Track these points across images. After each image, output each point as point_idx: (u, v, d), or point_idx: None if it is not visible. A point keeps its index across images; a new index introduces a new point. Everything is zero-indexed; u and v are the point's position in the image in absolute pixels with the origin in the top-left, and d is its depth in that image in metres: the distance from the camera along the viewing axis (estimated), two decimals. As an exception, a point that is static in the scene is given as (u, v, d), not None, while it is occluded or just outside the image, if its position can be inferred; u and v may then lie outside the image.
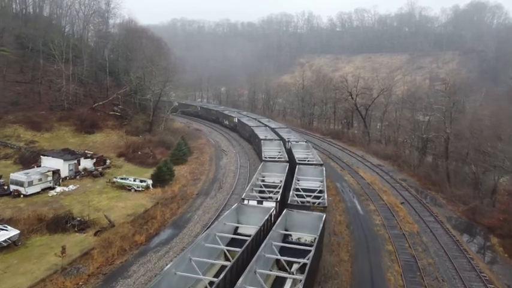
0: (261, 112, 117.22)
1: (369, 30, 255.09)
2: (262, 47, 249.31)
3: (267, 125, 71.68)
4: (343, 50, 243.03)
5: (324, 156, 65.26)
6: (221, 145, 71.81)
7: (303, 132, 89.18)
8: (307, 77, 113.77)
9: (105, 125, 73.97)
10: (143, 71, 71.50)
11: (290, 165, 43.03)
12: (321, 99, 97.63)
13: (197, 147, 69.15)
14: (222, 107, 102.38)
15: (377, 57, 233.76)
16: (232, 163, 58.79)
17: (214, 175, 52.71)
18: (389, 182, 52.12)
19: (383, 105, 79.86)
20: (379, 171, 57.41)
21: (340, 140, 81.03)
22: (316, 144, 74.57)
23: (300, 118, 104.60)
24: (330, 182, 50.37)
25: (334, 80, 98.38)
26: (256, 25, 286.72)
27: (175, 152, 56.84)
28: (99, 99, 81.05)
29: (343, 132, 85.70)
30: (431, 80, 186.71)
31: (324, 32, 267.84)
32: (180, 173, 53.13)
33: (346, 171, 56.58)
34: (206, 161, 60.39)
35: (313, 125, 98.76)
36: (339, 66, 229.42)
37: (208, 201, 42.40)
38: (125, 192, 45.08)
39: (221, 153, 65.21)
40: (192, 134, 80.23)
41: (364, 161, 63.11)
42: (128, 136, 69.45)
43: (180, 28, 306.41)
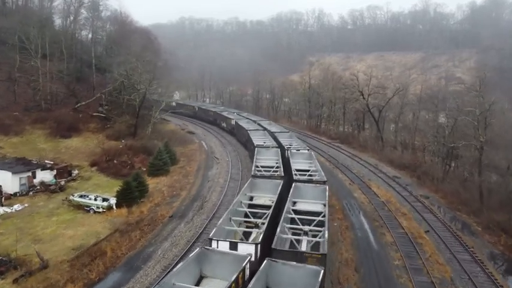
0: (265, 113, 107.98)
1: (382, 28, 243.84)
2: (271, 46, 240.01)
3: (267, 128, 62.28)
4: (355, 48, 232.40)
5: (330, 166, 55.77)
6: (214, 151, 62.65)
7: (308, 135, 79.68)
8: (314, 75, 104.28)
9: (86, 128, 65.44)
10: (126, 68, 62.57)
11: (287, 181, 33.98)
12: (330, 99, 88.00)
13: (186, 154, 60.15)
14: (221, 108, 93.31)
15: (390, 55, 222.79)
16: (223, 174, 49.60)
17: (198, 190, 43.56)
18: (408, 200, 42.35)
19: (398, 106, 70.10)
20: (396, 185, 47.65)
21: (350, 145, 71.28)
22: (323, 151, 65.05)
23: (306, 120, 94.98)
24: (336, 201, 40.96)
25: (343, 79, 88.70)
26: (266, 23, 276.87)
27: (154, 161, 47.83)
28: (84, 99, 72.72)
29: (353, 136, 75.91)
30: (447, 79, 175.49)
31: (335, 30, 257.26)
32: (157, 187, 44.13)
33: (356, 185, 46.94)
34: (193, 171, 51.31)
35: (321, 128, 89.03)
36: (350, 64, 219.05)
37: (182, 228, 33.25)
38: (81, 214, 36.23)
39: (212, 162, 56.08)
40: (184, 138, 71.25)
41: (378, 172, 53.37)
42: (108, 141, 60.81)
43: (189, 27, 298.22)
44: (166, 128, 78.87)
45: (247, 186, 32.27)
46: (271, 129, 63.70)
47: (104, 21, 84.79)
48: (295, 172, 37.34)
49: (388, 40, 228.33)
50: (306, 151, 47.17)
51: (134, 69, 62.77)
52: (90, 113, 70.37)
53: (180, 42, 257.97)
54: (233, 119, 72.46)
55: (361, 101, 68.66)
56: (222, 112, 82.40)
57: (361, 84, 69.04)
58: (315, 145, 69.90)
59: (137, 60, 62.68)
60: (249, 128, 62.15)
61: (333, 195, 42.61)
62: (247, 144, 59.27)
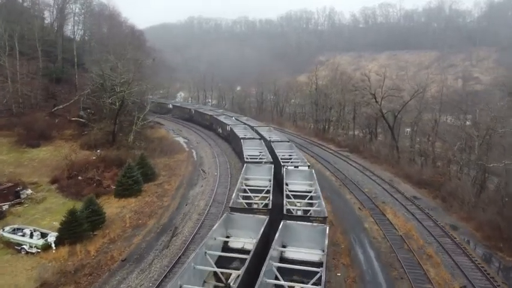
0: (269, 117, 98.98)
1: (394, 27, 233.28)
2: (280, 45, 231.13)
3: (264, 136, 53.20)
4: (366, 47, 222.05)
5: (337, 183, 46.58)
6: (204, 162, 53.88)
7: (314, 143, 70.44)
8: (322, 75, 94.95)
9: (60, 135, 57.25)
10: (102, 67, 54.05)
11: (277, 212, 25.34)
12: (339, 101, 78.65)
13: (170, 167, 51.48)
14: (219, 111, 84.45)
15: (403, 54, 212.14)
16: (206, 194, 40.74)
17: (171, 217, 34.81)
18: (433, 233, 32.92)
19: (415, 110, 60.52)
20: (416, 210, 38.20)
21: (361, 154, 61.85)
22: (329, 162, 55.83)
23: (313, 124, 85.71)
24: (342, 234, 31.89)
25: (354, 79, 79.27)
26: (275, 22, 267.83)
27: (122, 179, 39.11)
28: (65, 102, 64.70)
29: (364, 145, 66.44)
30: (464, 79, 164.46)
31: (346, 29, 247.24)
32: (121, 213, 35.49)
33: (368, 210, 37.65)
34: (171, 189, 42.56)
35: (329, 133, 79.61)
36: (362, 64, 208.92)
37: (132, 280, 24.56)
38: (9, 255, 27.74)
39: (198, 177, 47.29)
40: (173, 146, 62.56)
41: (393, 191, 43.92)
42: (82, 150, 52.51)
43: (197, 26, 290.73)
44: (156, 134, 70.39)
45: (220, 223, 23.48)
46: (270, 137, 54.74)
47: (90, 15, 76.37)
48: (288, 200, 28.53)
49: (401, 39, 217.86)
50: (306, 168, 38.04)
51: (114, 69, 54.19)
52: (69, 117, 62.29)
53: (188, 41, 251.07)
54: (229, 125, 63.55)
55: (374, 105, 59.19)
56: (219, 116, 73.56)
57: (373, 86, 59.56)
58: (320, 155, 60.74)
59: (117, 58, 54.03)
60: (243, 136, 53.26)
61: (338, 226, 33.54)
62: (241, 156, 50.41)
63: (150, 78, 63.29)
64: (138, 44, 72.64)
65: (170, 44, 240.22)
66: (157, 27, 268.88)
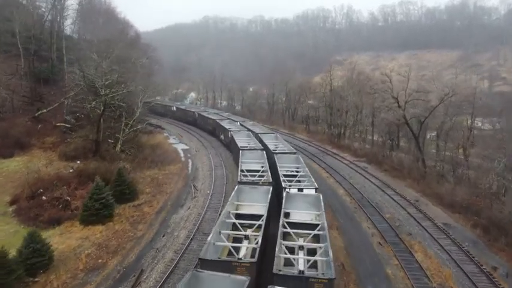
0: (280, 120, 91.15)
1: (415, 25, 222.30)
2: (296, 45, 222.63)
3: (268, 146, 45.38)
4: (386, 46, 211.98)
5: (351, 205, 38.51)
6: (198, 176, 46.41)
7: (328, 152, 62.30)
8: (338, 76, 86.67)
9: (40, 143, 50.47)
10: (80, 65, 47.13)
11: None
12: (355, 104, 70.26)
13: (158, 182, 44.07)
14: (225, 115, 76.91)
15: (424, 54, 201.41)
16: (192, 219, 33.19)
17: (140, 255, 27.29)
18: (478, 284, 24.75)
19: (441, 115, 51.94)
20: (452, 246, 29.77)
21: (380, 166, 53.46)
22: (344, 177, 47.70)
23: (326, 129, 77.41)
24: (356, 285, 23.96)
25: (373, 80, 70.76)
26: (291, 21, 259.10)
27: (88, 203, 31.87)
28: (51, 105, 58.24)
29: (384, 154, 57.96)
30: (490, 80, 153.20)
31: (365, 28, 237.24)
32: (79, 248, 28.03)
33: (390, 246, 29.43)
34: (151, 213, 35.14)
35: (344, 140, 71.23)
36: (380, 64, 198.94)
37: None
38: None
39: (187, 196, 39.85)
40: (167, 155, 55.20)
41: (421, 217, 35.53)
42: (60, 161, 45.67)
43: (212, 26, 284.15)
44: (152, 140, 63.28)
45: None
46: (276, 146, 47.14)
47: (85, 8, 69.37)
48: (286, 243, 21.17)
49: (422, 38, 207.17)
50: (313, 191, 30.21)
51: (98, 69, 47.12)
52: (54, 122, 55.68)
53: (202, 41, 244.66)
54: (230, 131, 55.96)
55: (396, 110, 50.67)
56: (222, 121, 66.00)
57: (395, 88, 51.12)
58: (334, 166, 52.66)
59: (101, 56, 46.96)
60: (243, 146, 45.70)
61: (351, 271, 25.56)
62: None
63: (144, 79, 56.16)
64: (131, 42, 65.34)
65: (184, 44, 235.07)
66: (172, 28, 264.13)
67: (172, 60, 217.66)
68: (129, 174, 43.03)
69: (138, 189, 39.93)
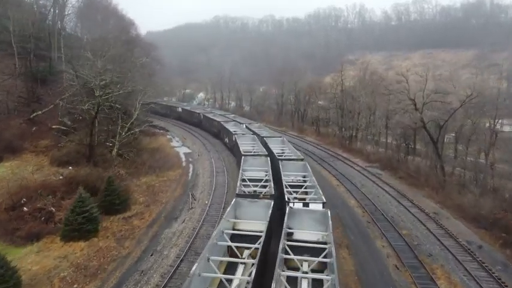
0: (289, 121, 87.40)
1: (429, 23, 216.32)
2: (308, 44, 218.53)
3: (274, 152, 41.56)
4: (399, 46, 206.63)
5: (363, 218, 34.63)
6: (198, 184, 42.95)
7: (338, 156, 58.38)
8: (350, 76, 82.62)
9: (33, 147, 47.67)
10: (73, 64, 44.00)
11: None
12: (368, 105, 66.21)
13: (154, 189, 40.72)
14: (231, 116, 73.34)
15: (439, 53, 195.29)
16: (185, 235, 29.69)
17: (122, 279, 23.75)
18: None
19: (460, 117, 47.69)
20: (480, 271, 25.72)
21: (395, 173, 49.39)
22: (355, 185, 43.79)
23: (337, 132, 73.40)
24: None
25: (387, 80, 66.53)
26: (302, 21, 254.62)
27: (70, 216, 28.63)
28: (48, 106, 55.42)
29: (399, 160, 53.79)
30: (509, 80, 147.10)
31: (377, 27, 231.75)
32: (54, 270, 24.70)
33: (408, 270, 25.54)
34: (142, 226, 31.77)
35: (356, 143, 67.18)
36: (394, 64, 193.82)
37: None
38: None
39: (184, 206, 36.44)
40: (167, 159, 51.86)
41: (442, 234, 31.47)
42: (52, 167, 42.66)
43: (223, 26, 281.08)
44: (154, 143, 60.06)
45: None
46: (283, 150, 43.41)
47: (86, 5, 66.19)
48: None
49: (436, 37, 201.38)
50: (320, 206, 26.42)
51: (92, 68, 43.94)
52: (50, 124, 52.82)
53: (213, 41, 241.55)
54: (234, 134, 52.38)
55: (413, 113, 46.52)
56: (227, 123, 62.46)
57: (411, 89, 46.96)
58: (345, 173, 48.79)
59: (95, 55, 43.78)
60: (247, 151, 42.12)
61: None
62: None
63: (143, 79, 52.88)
64: (129, 40, 61.97)
65: (194, 44, 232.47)
66: (182, 27, 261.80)
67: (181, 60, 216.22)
68: (123, 182, 39.95)
69: (131, 198, 36.67)
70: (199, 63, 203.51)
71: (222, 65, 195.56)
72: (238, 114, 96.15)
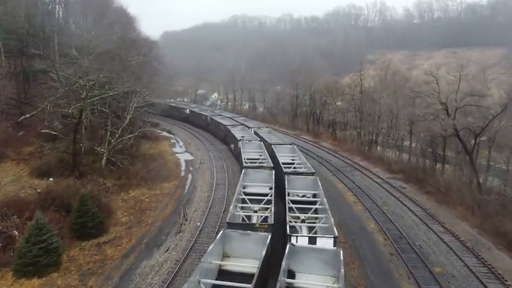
0: (303, 125, 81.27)
1: (454, 21, 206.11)
2: (326, 43, 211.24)
3: (281, 163, 35.67)
4: (421, 44, 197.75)
5: (386, 248, 28.27)
6: (193, 198, 37.25)
7: (355, 165, 51.91)
8: (370, 76, 76.00)
9: (16, 154, 42.82)
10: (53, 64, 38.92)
11: None
12: (390, 108, 59.51)
13: (141, 206, 35.13)
14: (240, 119, 67.36)
15: (464, 52, 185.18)
16: (166, 268, 24.09)
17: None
18: None
19: (496, 121, 40.63)
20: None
21: (422, 187, 42.71)
22: (376, 202, 37.37)
23: (356, 137, 66.75)
24: None
25: (411, 80, 59.63)
26: (321, 19, 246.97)
27: (23, 247, 23.33)
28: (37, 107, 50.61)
29: (425, 171, 46.93)
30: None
31: (399, 25, 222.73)
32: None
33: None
34: (116, 257, 26.02)
35: (376, 150, 60.58)
36: (416, 63, 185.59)
37: None
38: None
39: (172, 228, 30.84)
40: (165, 168, 46.44)
41: (485, 273, 24.93)
42: (31, 178, 37.73)
43: (241, 25, 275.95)
44: (154, 149, 54.85)
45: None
46: (291, 162, 37.64)
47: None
48: None
49: (461, 35, 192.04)
50: (330, 243, 20.54)
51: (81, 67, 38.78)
52: (40, 129, 48.01)
53: (230, 41, 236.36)
54: (240, 141, 46.59)
55: (445, 120, 39.66)
56: (234, 128, 56.70)
57: (442, 91, 40.20)
58: (363, 186, 42.44)
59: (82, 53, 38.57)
60: (250, 160, 36.49)
61: None
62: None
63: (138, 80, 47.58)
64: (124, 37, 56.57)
65: (211, 44, 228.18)
66: (200, 27, 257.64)
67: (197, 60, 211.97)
68: (107, 197, 34.69)
69: (112, 218, 31.31)
70: (216, 63, 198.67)
71: (238, 64, 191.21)
72: (251, 117, 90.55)
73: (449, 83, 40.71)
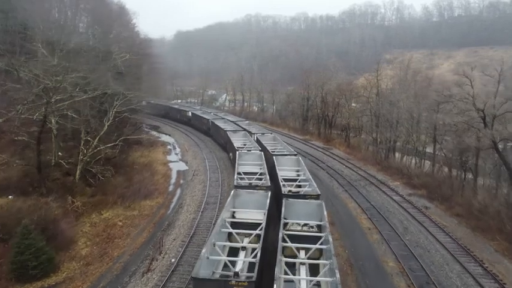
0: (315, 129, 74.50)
1: (475, 19, 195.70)
2: (341, 42, 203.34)
3: (280, 180, 29.15)
4: (440, 43, 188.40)
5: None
6: (177, 220, 30.95)
7: (370, 177, 44.89)
8: (387, 76, 68.75)
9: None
10: (10, 62, 33.15)
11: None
12: (410, 111, 52.30)
13: (112, 231, 28.92)
14: (244, 124, 60.59)
15: (486, 51, 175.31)
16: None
17: None
18: None
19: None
20: None
21: (450, 207, 35.49)
22: (394, 228, 30.43)
23: (371, 145, 59.65)
24: None
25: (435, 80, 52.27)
26: (336, 18, 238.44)
27: None
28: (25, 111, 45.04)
29: (453, 187, 39.63)
30: None
31: (417, 24, 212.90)
32: None
33: None
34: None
35: (394, 160, 53.41)
36: (435, 62, 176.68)
37: None
38: None
39: (141, 262, 24.59)
40: (151, 181, 40.25)
41: None
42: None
43: (255, 24, 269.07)
44: (145, 157, 48.83)
45: None
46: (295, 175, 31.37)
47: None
48: None
49: (483, 33, 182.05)
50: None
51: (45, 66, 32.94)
52: (15, 135, 42.43)
53: (243, 40, 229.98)
54: (238, 151, 40.14)
55: (482, 131, 32.39)
56: (234, 134, 50.25)
57: (476, 95, 32.99)
58: (379, 206, 35.57)
59: (51, 48, 32.67)
60: (245, 178, 30.12)
61: None
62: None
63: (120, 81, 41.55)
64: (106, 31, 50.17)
65: (225, 43, 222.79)
66: (214, 27, 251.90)
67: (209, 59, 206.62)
68: (69, 222, 28.69)
69: (68, 250, 25.27)
70: (228, 63, 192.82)
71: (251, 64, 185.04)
72: (260, 119, 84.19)
73: (485, 85, 33.48)
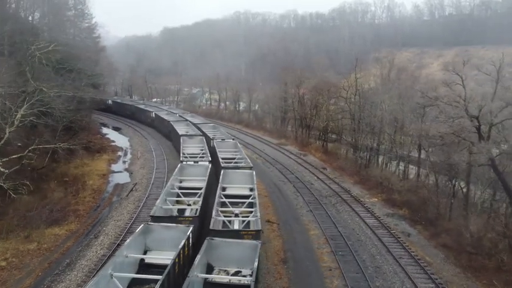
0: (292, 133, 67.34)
1: (467, 18, 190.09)
2: (330, 40, 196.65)
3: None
4: (431, 42, 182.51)
5: None
6: (80, 260, 23.38)
7: (344, 194, 37.56)
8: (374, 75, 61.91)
9: None
10: None
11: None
12: (394, 114, 45.12)
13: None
14: (208, 126, 53.28)
15: (477, 50, 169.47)
16: None
17: None
18: None
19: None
20: None
21: (435, 234, 28.27)
22: (363, 269, 23.03)
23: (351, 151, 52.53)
24: None
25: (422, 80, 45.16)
26: (326, 16, 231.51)
27: None
28: None
29: (439, 208, 32.35)
30: None
31: (408, 22, 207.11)
32: None
33: None
34: None
35: (375, 169, 46.18)
36: (425, 62, 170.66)
37: None
38: None
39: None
40: (68, 202, 32.39)
41: None
42: None
43: (244, 22, 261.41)
44: (82, 167, 41.08)
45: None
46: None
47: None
48: None
49: (475, 32, 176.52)
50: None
51: None
52: None
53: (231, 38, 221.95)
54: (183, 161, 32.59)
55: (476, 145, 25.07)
56: (190, 139, 42.72)
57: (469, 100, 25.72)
58: (350, 234, 28.25)
59: None
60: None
61: None
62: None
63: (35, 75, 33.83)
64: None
65: (212, 41, 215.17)
66: (201, 24, 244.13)
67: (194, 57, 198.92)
68: None
69: None
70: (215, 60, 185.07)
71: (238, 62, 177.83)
72: (235, 121, 76.79)
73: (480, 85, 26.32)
